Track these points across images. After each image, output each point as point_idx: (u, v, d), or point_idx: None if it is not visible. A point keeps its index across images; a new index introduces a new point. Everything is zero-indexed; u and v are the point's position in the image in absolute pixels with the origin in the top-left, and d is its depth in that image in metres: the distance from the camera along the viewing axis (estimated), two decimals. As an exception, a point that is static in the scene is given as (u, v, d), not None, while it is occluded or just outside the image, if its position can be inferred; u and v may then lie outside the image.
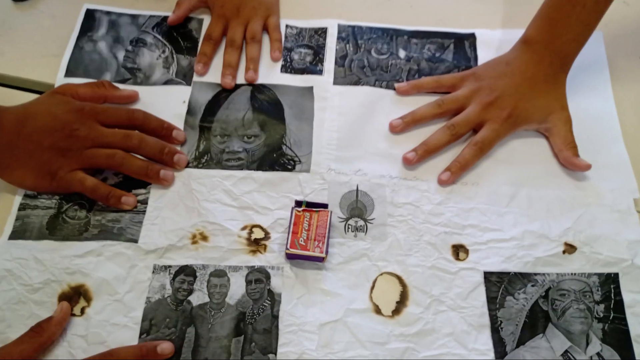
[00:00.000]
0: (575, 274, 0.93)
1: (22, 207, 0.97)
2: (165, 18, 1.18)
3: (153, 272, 0.92)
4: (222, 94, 1.10)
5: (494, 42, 1.18)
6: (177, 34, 1.17)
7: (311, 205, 0.95)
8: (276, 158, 1.03)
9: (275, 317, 0.89)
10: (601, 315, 0.90)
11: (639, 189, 1.01)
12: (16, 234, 0.94)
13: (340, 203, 0.99)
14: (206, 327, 0.88)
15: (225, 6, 1.17)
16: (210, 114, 1.07)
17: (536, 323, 0.90)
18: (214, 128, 1.06)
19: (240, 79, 1.12)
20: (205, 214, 0.97)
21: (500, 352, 0.88)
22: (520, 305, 0.91)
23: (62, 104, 0.98)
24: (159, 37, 1.16)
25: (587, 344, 0.88)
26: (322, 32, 1.18)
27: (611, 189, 1.01)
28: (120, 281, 0.91)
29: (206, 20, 1.19)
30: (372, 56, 1.15)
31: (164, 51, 1.15)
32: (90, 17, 1.18)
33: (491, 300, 0.91)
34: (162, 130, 1.02)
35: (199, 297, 0.90)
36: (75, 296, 0.89)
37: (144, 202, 0.98)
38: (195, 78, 1.12)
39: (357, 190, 1.00)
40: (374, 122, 1.08)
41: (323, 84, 1.11)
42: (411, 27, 1.20)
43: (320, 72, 1.13)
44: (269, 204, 0.98)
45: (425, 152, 1.03)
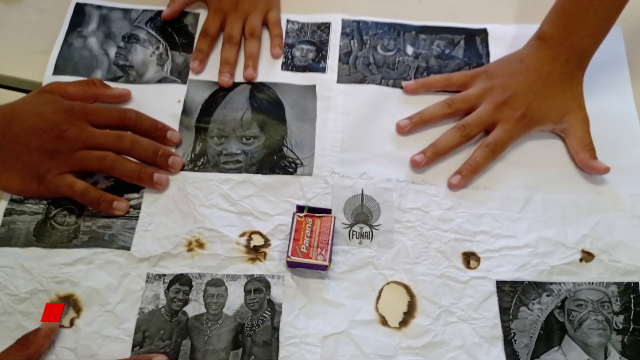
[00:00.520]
0: (592, 283, 0.93)
1: (8, 213, 0.97)
2: (160, 12, 1.19)
3: (146, 281, 0.92)
4: (220, 93, 1.10)
5: (507, 38, 1.18)
6: (172, 30, 1.18)
7: (313, 211, 0.95)
8: (276, 160, 1.03)
9: (276, 329, 0.89)
10: (620, 326, 0.90)
11: (660, 193, 1.02)
12: (1, 241, 0.94)
13: (345, 208, 0.99)
14: (202, 340, 0.88)
15: (222, 0, 1.18)
16: (206, 114, 1.08)
17: (552, 335, 0.90)
18: (211, 129, 1.06)
19: (239, 77, 1.12)
20: (201, 220, 0.97)
21: (514, 366, 0.88)
22: (535, 317, 0.91)
23: (51, 103, 0.98)
24: (153, 33, 1.17)
25: (606, 357, 0.88)
26: (325, 28, 1.19)
27: (631, 194, 1.02)
28: (111, 291, 0.91)
29: (203, 14, 1.20)
30: (378, 53, 1.16)
31: (158, 47, 1.15)
32: (80, 12, 1.18)
33: (504, 311, 0.91)
34: (155, 131, 1.02)
35: (195, 308, 0.90)
36: (65, 306, 0.89)
37: (137, 207, 0.98)
38: (191, 76, 1.12)
39: (362, 194, 1.00)
40: (380, 122, 1.08)
41: (326, 82, 1.12)
42: (419, 22, 1.20)
43: (323, 70, 1.13)
44: (269, 209, 0.99)
45: (435, 155, 1.03)
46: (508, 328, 0.90)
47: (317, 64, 1.14)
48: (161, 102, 1.08)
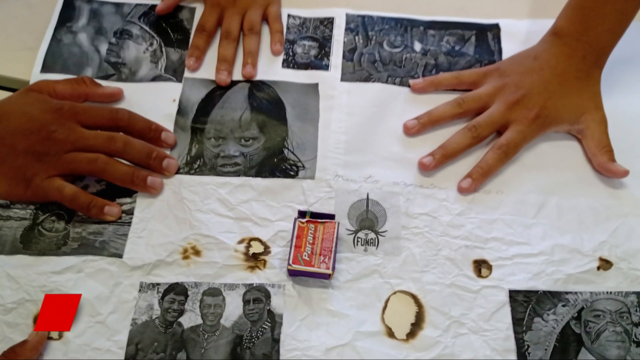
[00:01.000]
0: (611, 292, 0.93)
1: (-6, 218, 0.97)
2: (153, 7, 1.19)
3: (139, 290, 0.92)
4: (217, 92, 1.11)
5: (521, 34, 1.18)
6: (167, 25, 1.18)
7: (316, 216, 0.95)
8: (277, 163, 1.03)
9: (276, 341, 0.89)
10: (640, 339, 0.91)
11: (682, 197, 1.02)
12: (-13, 248, 0.95)
13: (349, 213, 0.99)
14: (199, 352, 0.88)
15: (220, -7, 1.18)
16: (203, 114, 1.08)
17: (567, 347, 0.90)
18: (208, 130, 1.06)
19: (237, 75, 1.13)
20: (197, 226, 0.97)
21: (528, 380, 0.88)
22: (550, 328, 0.91)
23: (38, 103, 0.98)
24: (146, 28, 1.17)
25: (625, 371, 0.89)
26: (328, 23, 1.19)
27: (651, 198, 1.02)
28: (102, 301, 0.91)
29: (199, 9, 1.20)
30: (384, 49, 1.16)
31: (151, 44, 1.15)
32: (70, 6, 1.19)
33: (517, 322, 0.91)
34: (149, 132, 1.02)
35: (190, 319, 0.90)
36: (53, 317, 0.90)
37: (130, 212, 0.98)
38: (187, 74, 1.12)
39: (368, 199, 1.00)
40: (386, 123, 1.08)
41: (329, 80, 1.12)
42: (428, 16, 1.21)
43: (326, 68, 1.14)
44: (269, 215, 0.99)
45: (444, 157, 1.03)
46: (521, 340, 0.90)
47: (319, 61, 1.14)
48: (155, 101, 1.09)
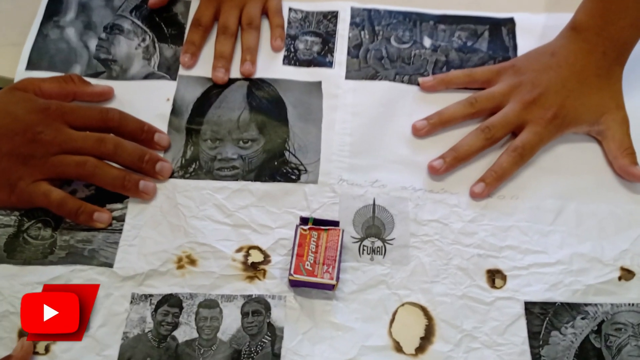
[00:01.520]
0: (633, 304, 0.93)
1: (-24, 225, 0.97)
2: (146, 0, 1.19)
3: (131, 302, 0.92)
4: (214, 91, 1.11)
5: (537, 29, 1.18)
6: (160, 19, 1.18)
7: (319, 223, 0.95)
8: (277, 166, 1.04)
9: (277, 356, 0.89)
10: (664, 354, 0.91)
11: None
12: (-32, 257, 0.95)
13: (354, 220, 0.99)
14: (194, 368, 0.88)
15: (216, -14, 1.18)
16: (199, 114, 1.08)
17: (587, 363, 0.90)
18: (204, 131, 1.06)
19: (235, 73, 1.13)
20: (193, 234, 0.97)
21: (545, 397, 0.88)
22: (568, 342, 0.91)
23: (23, 102, 0.98)
24: (138, 23, 1.17)
25: (648, 388, 0.89)
26: (332, 17, 1.19)
27: (676, 204, 1.02)
28: (91, 313, 0.91)
29: (194, 2, 1.20)
30: (392, 45, 1.16)
31: (144, 39, 1.16)
32: (57, -1, 1.19)
33: (533, 336, 0.91)
34: (141, 134, 1.02)
35: (185, 332, 0.90)
36: (39, 331, 0.90)
37: (121, 219, 0.98)
38: (182, 71, 1.13)
39: (374, 205, 1.01)
40: (393, 123, 1.08)
41: (333, 78, 1.12)
42: (438, 10, 1.21)
43: (330, 65, 1.14)
44: (269, 222, 0.99)
45: (455, 160, 1.03)
46: (538, 355, 0.90)
47: (323, 58, 1.14)
48: (148, 100, 1.09)
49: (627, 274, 0.95)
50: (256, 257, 0.96)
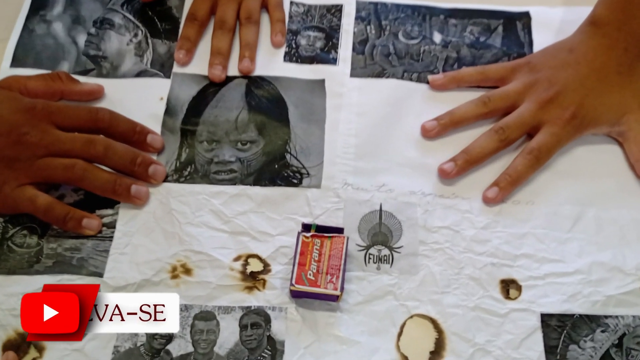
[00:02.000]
0: (657, 317, 0.94)
1: (-42, 232, 0.97)
2: (138, -7, 1.20)
3: (122, 314, 0.92)
4: (210, 89, 1.11)
5: (554, 23, 1.19)
6: (153, 13, 1.19)
7: (322, 230, 0.95)
8: (278, 170, 1.04)
9: (277, 371, 0.89)
10: (690, 369, 0.91)
11: None
12: (-51, 266, 0.95)
13: (359, 227, 1.00)
14: (190, 384, 0.88)
15: (213, -22, 1.18)
16: (194, 114, 1.08)
17: (608, 379, 0.90)
18: (200, 132, 1.07)
19: (233, 70, 1.13)
20: (188, 241, 0.97)
21: (562, 415, 0.88)
22: (587, 357, 0.91)
23: (8, 101, 0.98)
24: (130, 17, 1.18)
25: (672, 405, 0.89)
26: (336, 11, 1.19)
27: (703, 210, 1.02)
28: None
29: (189, -5, 1.20)
30: (400, 41, 1.16)
31: (136, 35, 1.16)
32: (43, -8, 1.19)
33: (550, 350, 0.91)
34: (133, 135, 1.02)
35: (180, 346, 0.90)
36: (24, 345, 0.89)
37: (111, 225, 0.98)
38: (176, 69, 1.13)
39: (381, 210, 1.01)
40: (401, 124, 1.08)
41: (337, 76, 1.13)
42: (449, 3, 1.21)
43: (334, 62, 1.14)
44: (269, 229, 0.99)
45: (467, 163, 1.03)
46: (555, 371, 0.90)
47: (326, 55, 1.15)
48: (140, 99, 1.09)
49: (650, 284, 0.96)
50: (255, 266, 0.96)
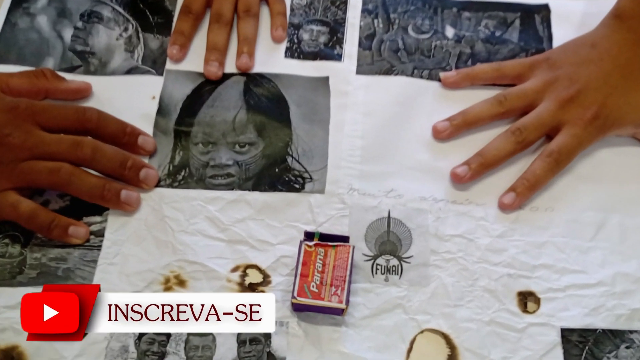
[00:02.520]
0: (686, 332, 0.93)
1: None
2: (128, -16, 1.20)
3: (112, 328, 0.92)
4: (206, 87, 1.11)
5: (575, 17, 1.18)
6: (145, 6, 1.19)
7: (326, 239, 0.95)
8: (279, 174, 1.04)
9: (278, 391, 0.89)
10: None
11: None
12: None
13: (366, 235, 0.99)
14: (184, 404, 0.88)
15: (209, -32, 1.18)
16: (189, 114, 1.08)
17: (633, 399, 0.90)
18: (195, 133, 1.07)
19: (231, 67, 1.13)
20: (182, 251, 0.97)
21: None
22: (612, 375, 0.91)
23: (-12, 100, 0.98)
24: (120, 10, 1.18)
25: None
26: (341, 3, 1.19)
27: None
28: (67, 342, 0.91)
29: (184, -14, 1.20)
30: (410, 35, 1.16)
31: (126, 29, 1.16)
32: (27, -17, 1.20)
33: (571, 368, 0.91)
34: (123, 136, 1.02)
35: (173, 364, 0.91)
36: (7, 360, 0.90)
37: (100, 234, 0.98)
38: (169, 65, 1.13)
39: (389, 217, 1.01)
40: (411, 125, 1.08)
41: (343, 73, 1.12)
42: (462, -5, 1.21)
43: (338, 58, 1.14)
44: (269, 237, 0.99)
45: (482, 166, 1.03)
46: (577, 390, 0.90)
47: (330, 50, 1.15)
48: (130, 98, 1.09)
49: (678, 297, 0.95)
50: (254, 277, 0.96)
